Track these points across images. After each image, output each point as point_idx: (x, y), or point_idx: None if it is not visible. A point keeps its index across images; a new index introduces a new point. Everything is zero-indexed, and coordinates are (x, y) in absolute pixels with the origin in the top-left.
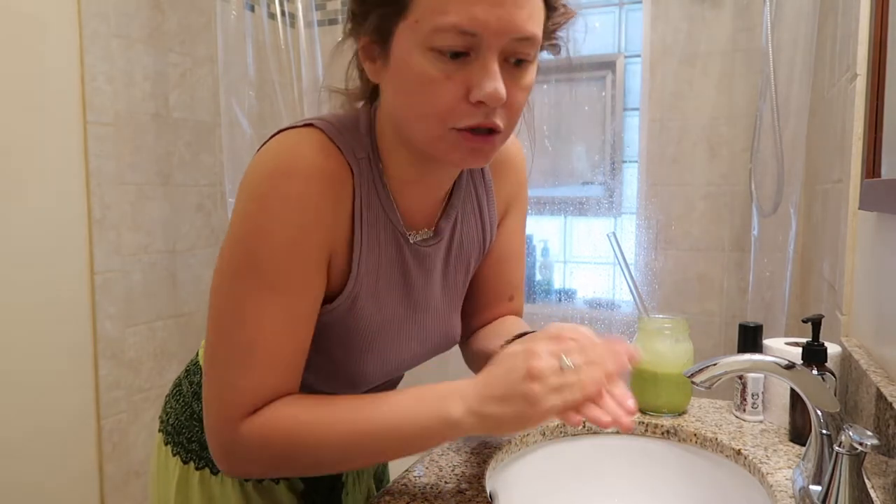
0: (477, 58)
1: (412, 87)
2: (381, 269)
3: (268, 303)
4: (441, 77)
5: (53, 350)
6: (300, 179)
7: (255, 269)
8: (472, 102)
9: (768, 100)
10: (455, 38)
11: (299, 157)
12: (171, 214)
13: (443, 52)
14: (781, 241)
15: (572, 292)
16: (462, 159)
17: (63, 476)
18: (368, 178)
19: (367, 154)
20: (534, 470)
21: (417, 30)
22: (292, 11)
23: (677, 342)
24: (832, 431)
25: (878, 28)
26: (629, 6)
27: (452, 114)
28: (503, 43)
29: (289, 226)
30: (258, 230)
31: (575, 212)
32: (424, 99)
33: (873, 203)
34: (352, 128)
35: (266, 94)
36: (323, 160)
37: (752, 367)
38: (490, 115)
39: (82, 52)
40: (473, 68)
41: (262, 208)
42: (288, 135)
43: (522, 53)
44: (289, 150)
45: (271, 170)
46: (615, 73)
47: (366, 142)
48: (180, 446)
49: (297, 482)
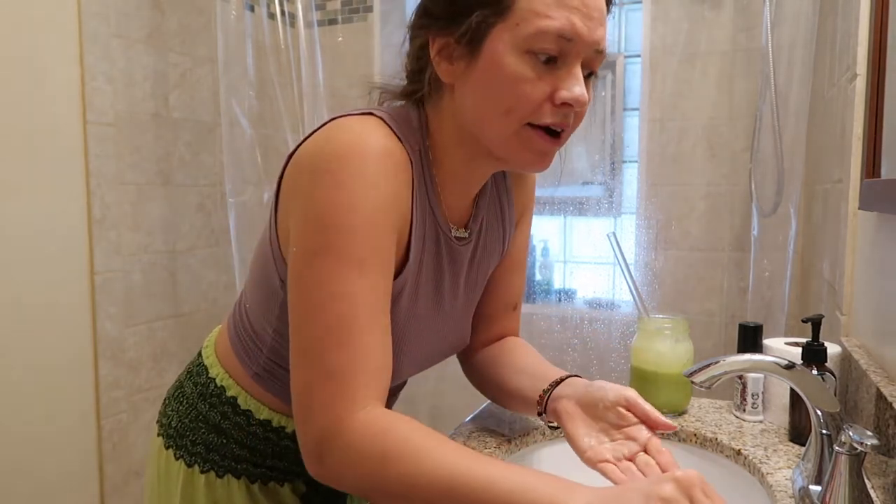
0: (564, 64)
1: (502, 86)
2: (423, 262)
3: (356, 278)
4: (534, 77)
5: (53, 350)
6: (373, 158)
7: (338, 246)
8: (556, 104)
9: (768, 100)
10: (554, 43)
11: (371, 137)
12: (171, 214)
13: (538, 54)
14: (781, 241)
15: (572, 292)
16: (531, 161)
17: (63, 476)
18: (420, 169)
19: (419, 147)
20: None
21: (517, 33)
22: (292, 11)
23: (677, 342)
24: (832, 431)
25: (878, 28)
26: (629, 6)
27: (536, 112)
28: (587, 53)
29: (368, 201)
30: (338, 207)
31: (575, 212)
32: (513, 96)
33: (873, 203)
34: (406, 122)
35: (266, 94)
36: (390, 144)
37: (752, 367)
38: (568, 117)
39: (82, 52)
40: (560, 73)
41: (337, 185)
42: (349, 120)
43: (595, 65)
44: (356, 132)
45: (341, 149)
46: (615, 73)
47: (418, 136)
48: (184, 449)
49: (301, 486)
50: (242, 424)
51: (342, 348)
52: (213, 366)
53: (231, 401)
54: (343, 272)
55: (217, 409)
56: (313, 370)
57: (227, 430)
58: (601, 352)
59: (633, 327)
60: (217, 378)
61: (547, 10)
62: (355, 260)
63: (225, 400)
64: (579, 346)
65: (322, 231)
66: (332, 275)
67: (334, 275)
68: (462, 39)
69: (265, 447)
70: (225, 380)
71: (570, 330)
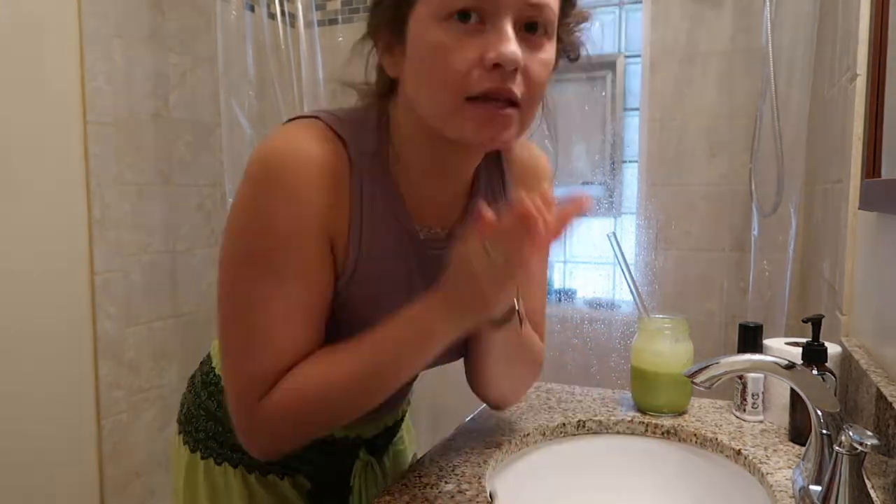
0: (492, 24)
1: (428, 61)
2: (384, 266)
3: (272, 288)
4: (455, 45)
5: (53, 350)
6: (293, 169)
7: (256, 256)
8: (487, 67)
9: (768, 100)
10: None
11: (294, 147)
12: (171, 214)
13: (455, 17)
14: (781, 241)
15: (572, 292)
16: (476, 131)
17: (63, 476)
18: (372, 172)
19: (373, 148)
20: (534, 470)
21: (430, 4)
22: (292, 11)
23: (677, 342)
24: (832, 431)
25: (878, 28)
26: (629, 6)
27: (467, 80)
28: (516, 6)
29: (284, 213)
30: (256, 218)
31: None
32: (439, 67)
33: (873, 203)
34: (360, 122)
35: (266, 94)
36: (318, 150)
37: (752, 367)
38: (506, 80)
39: (82, 52)
40: (488, 34)
41: (257, 196)
42: (289, 125)
43: (535, 16)
44: (284, 140)
45: (265, 158)
46: (615, 73)
47: (374, 137)
48: (189, 435)
49: (304, 481)
50: None
51: (256, 355)
52: (215, 356)
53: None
54: (258, 282)
55: (215, 397)
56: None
57: (223, 420)
58: (601, 352)
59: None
60: (217, 367)
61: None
62: (271, 270)
63: (221, 388)
64: (579, 346)
65: (244, 241)
66: (250, 284)
67: (252, 284)
68: (393, 29)
69: None
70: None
71: (570, 330)
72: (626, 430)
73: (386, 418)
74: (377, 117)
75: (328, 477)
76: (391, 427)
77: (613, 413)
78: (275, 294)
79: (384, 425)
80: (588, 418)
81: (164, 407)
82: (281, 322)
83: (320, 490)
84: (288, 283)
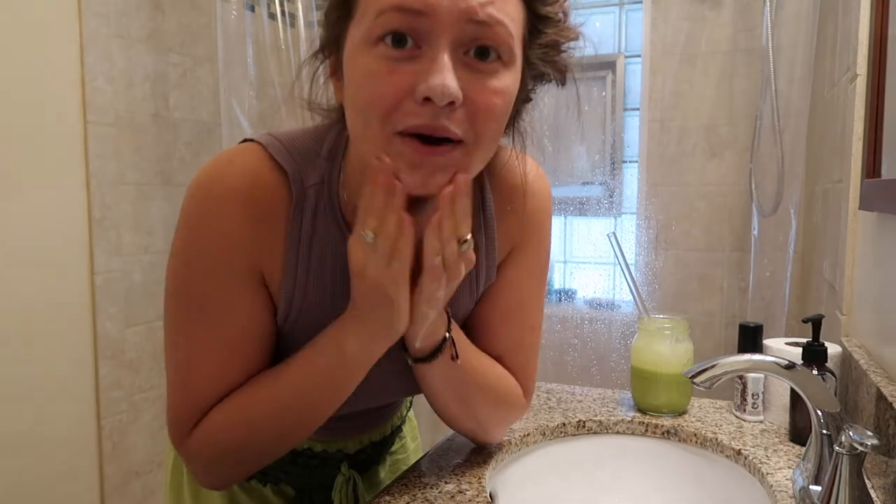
0: (428, 49)
1: (356, 89)
2: (326, 305)
3: (195, 322)
4: (384, 71)
5: (53, 350)
6: (216, 202)
7: (181, 288)
8: (418, 101)
9: (768, 100)
10: (396, 18)
11: (219, 179)
12: (171, 214)
13: (385, 40)
14: (781, 241)
15: (572, 292)
16: (406, 173)
17: (63, 476)
18: (316, 204)
19: (321, 179)
20: (534, 470)
21: (362, 24)
22: (292, 11)
23: (677, 342)
24: (832, 431)
25: (878, 28)
26: (629, 6)
27: (395, 112)
28: (457, 27)
29: (204, 248)
30: (182, 250)
31: (575, 212)
32: (367, 96)
33: (873, 203)
34: (310, 151)
35: (266, 94)
36: (244, 185)
37: (752, 367)
38: (439, 117)
39: (82, 52)
40: (423, 62)
41: (183, 227)
42: (231, 149)
43: (483, 39)
44: (215, 170)
45: (194, 189)
46: (615, 73)
47: (323, 167)
48: None
49: (287, 489)
50: None
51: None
52: None
53: None
54: (182, 315)
55: None
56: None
57: None
58: (601, 352)
59: (633, 327)
60: None
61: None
62: (194, 304)
63: None
64: (579, 346)
65: (172, 272)
66: (178, 318)
67: (179, 318)
68: (333, 51)
69: None
70: None
71: (570, 330)
72: (626, 430)
73: (371, 434)
74: (333, 141)
75: (311, 487)
76: (378, 442)
77: (613, 413)
78: (198, 328)
79: (369, 440)
80: (588, 418)
81: (164, 407)
82: (204, 357)
83: (304, 499)
84: (211, 319)
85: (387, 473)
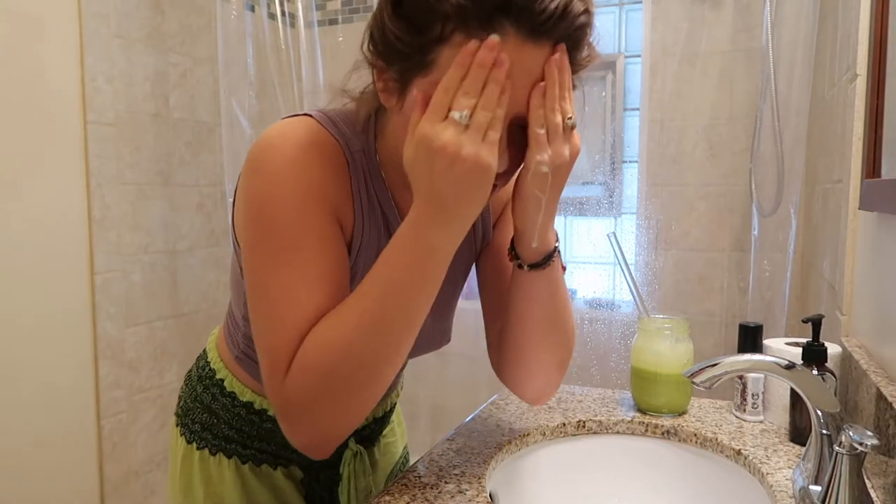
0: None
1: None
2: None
3: (290, 263)
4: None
5: (53, 350)
6: (296, 146)
7: (271, 235)
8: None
9: (768, 100)
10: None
11: (296, 133)
12: (171, 214)
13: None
14: (781, 241)
15: (572, 292)
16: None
17: (63, 476)
18: (364, 169)
19: (362, 149)
20: (534, 470)
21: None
22: (292, 11)
23: (677, 342)
24: (832, 431)
25: (878, 28)
26: (629, 6)
27: None
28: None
29: (293, 186)
30: (265, 197)
31: (575, 212)
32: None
33: (873, 203)
34: (350, 125)
35: (266, 94)
36: (319, 138)
37: (752, 367)
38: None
39: (82, 52)
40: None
41: (263, 176)
42: (283, 122)
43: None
44: (285, 130)
45: (269, 144)
46: (615, 73)
47: (362, 139)
48: (186, 427)
49: (296, 470)
50: (228, 406)
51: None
52: (211, 350)
53: (219, 382)
54: (276, 259)
55: (210, 390)
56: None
57: (217, 411)
58: (601, 352)
59: (633, 327)
60: (211, 361)
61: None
62: (286, 245)
63: (215, 382)
64: (579, 346)
65: (252, 223)
66: (265, 266)
67: (266, 265)
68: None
69: (250, 429)
70: (216, 363)
71: None
72: (626, 430)
73: (374, 410)
74: (365, 121)
75: (319, 467)
76: (380, 418)
77: (613, 413)
78: (293, 268)
79: (372, 416)
80: (588, 418)
81: (164, 407)
82: (301, 292)
83: (312, 478)
84: (308, 256)
85: (381, 454)
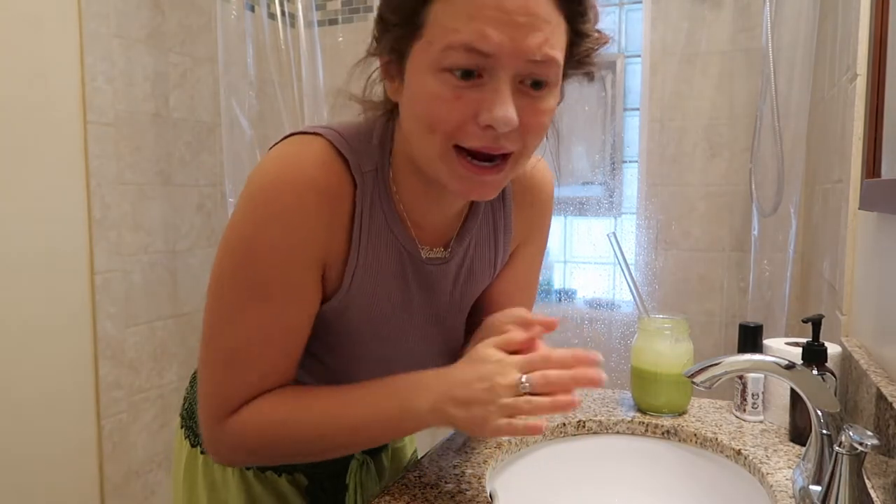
0: (490, 80)
1: (422, 107)
2: (378, 283)
3: (256, 310)
4: (451, 97)
5: (53, 350)
6: (294, 194)
7: (245, 277)
8: (480, 125)
9: (768, 100)
10: (464, 57)
11: (297, 170)
12: (171, 214)
13: (453, 71)
14: (781, 241)
15: (572, 292)
16: (458, 184)
17: (63, 476)
18: (374, 190)
19: (375, 167)
20: (534, 470)
21: (430, 50)
22: (292, 11)
23: (677, 342)
24: (832, 431)
25: (878, 28)
26: (629, 6)
27: (459, 132)
28: (517, 65)
29: (279, 240)
30: (250, 240)
31: (575, 212)
32: (432, 116)
33: (873, 203)
34: (364, 139)
35: (266, 94)
36: (321, 174)
37: (752, 367)
38: (498, 140)
39: (82, 52)
40: (485, 91)
41: (254, 219)
42: (292, 142)
43: (539, 75)
44: (287, 161)
45: (268, 181)
46: (615, 73)
47: (376, 154)
48: (190, 430)
49: (301, 478)
50: None
51: (231, 373)
52: None
53: None
54: (242, 302)
55: None
56: (206, 380)
57: None
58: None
59: (633, 327)
60: None
61: (455, 23)
62: (258, 293)
63: None
64: (579, 347)
65: (234, 260)
66: (235, 304)
67: (237, 304)
68: (392, 58)
69: None
70: None
71: (570, 330)
72: (626, 430)
73: None
74: (381, 133)
75: (325, 474)
76: None
77: (613, 413)
78: (258, 316)
79: None
80: (588, 418)
81: (164, 407)
82: (261, 345)
83: (317, 486)
84: (272, 307)
85: (389, 460)
